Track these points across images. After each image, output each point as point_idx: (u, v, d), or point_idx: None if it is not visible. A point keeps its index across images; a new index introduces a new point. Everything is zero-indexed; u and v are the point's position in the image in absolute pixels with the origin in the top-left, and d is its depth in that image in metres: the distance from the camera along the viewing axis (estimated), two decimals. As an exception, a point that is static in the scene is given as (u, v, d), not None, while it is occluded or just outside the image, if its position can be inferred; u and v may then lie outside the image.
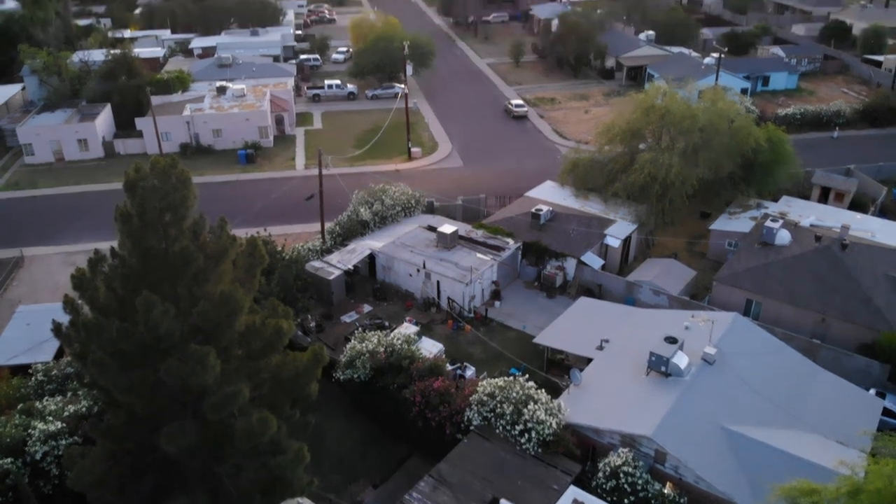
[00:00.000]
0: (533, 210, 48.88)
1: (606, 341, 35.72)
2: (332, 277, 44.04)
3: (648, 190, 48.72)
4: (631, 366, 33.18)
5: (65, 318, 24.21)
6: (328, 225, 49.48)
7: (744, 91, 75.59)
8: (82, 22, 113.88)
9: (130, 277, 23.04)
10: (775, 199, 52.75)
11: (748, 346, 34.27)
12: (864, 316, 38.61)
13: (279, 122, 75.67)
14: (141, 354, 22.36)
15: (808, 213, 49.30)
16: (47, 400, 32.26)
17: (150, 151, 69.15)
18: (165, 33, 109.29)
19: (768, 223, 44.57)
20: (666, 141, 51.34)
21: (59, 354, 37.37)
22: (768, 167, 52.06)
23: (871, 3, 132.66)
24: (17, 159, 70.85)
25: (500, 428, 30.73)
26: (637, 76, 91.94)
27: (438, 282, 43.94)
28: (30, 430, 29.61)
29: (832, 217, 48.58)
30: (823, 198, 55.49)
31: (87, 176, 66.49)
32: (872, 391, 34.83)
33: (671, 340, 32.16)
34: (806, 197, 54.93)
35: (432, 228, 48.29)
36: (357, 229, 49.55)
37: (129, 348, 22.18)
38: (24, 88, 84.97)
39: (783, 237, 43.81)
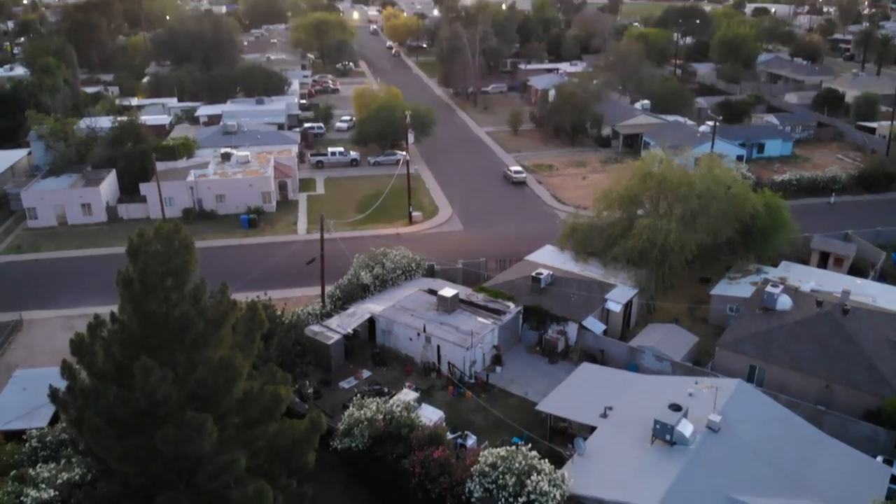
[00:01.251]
0: (533, 274, 48.97)
1: (610, 408, 35.23)
2: (331, 342, 43.77)
3: (648, 255, 48.93)
4: (635, 434, 32.66)
5: (62, 383, 24.02)
6: (328, 288, 49.50)
7: (739, 158, 76.78)
8: (90, 89, 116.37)
9: (129, 343, 23.00)
10: (775, 265, 52.92)
11: (753, 414, 33.81)
12: (868, 382, 38.23)
13: (282, 187, 76.57)
14: (137, 421, 22.11)
15: (808, 278, 49.37)
16: (41, 467, 31.68)
17: (153, 216, 69.75)
18: (172, 101, 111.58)
19: (769, 288, 44.58)
20: (664, 207, 51.82)
21: (54, 420, 36.84)
22: (767, 232, 52.45)
23: (862, 71, 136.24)
24: (20, 223, 71.39)
25: (503, 500, 29.95)
26: (633, 144, 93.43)
27: (439, 346, 43.66)
28: (22, 498, 28.99)
29: (832, 282, 48.57)
30: (823, 263, 55.64)
31: (89, 240, 66.88)
32: (880, 458, 34.23)
33: (675, 408, 31.76)
34: (805, 262, 55.10)
35: (433, 292, 48.27)
36: (357, 293, 49.54)
37: (126, 415, 21.95)
38: (30, 153, 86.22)
39: (784, 302, 43.74)
